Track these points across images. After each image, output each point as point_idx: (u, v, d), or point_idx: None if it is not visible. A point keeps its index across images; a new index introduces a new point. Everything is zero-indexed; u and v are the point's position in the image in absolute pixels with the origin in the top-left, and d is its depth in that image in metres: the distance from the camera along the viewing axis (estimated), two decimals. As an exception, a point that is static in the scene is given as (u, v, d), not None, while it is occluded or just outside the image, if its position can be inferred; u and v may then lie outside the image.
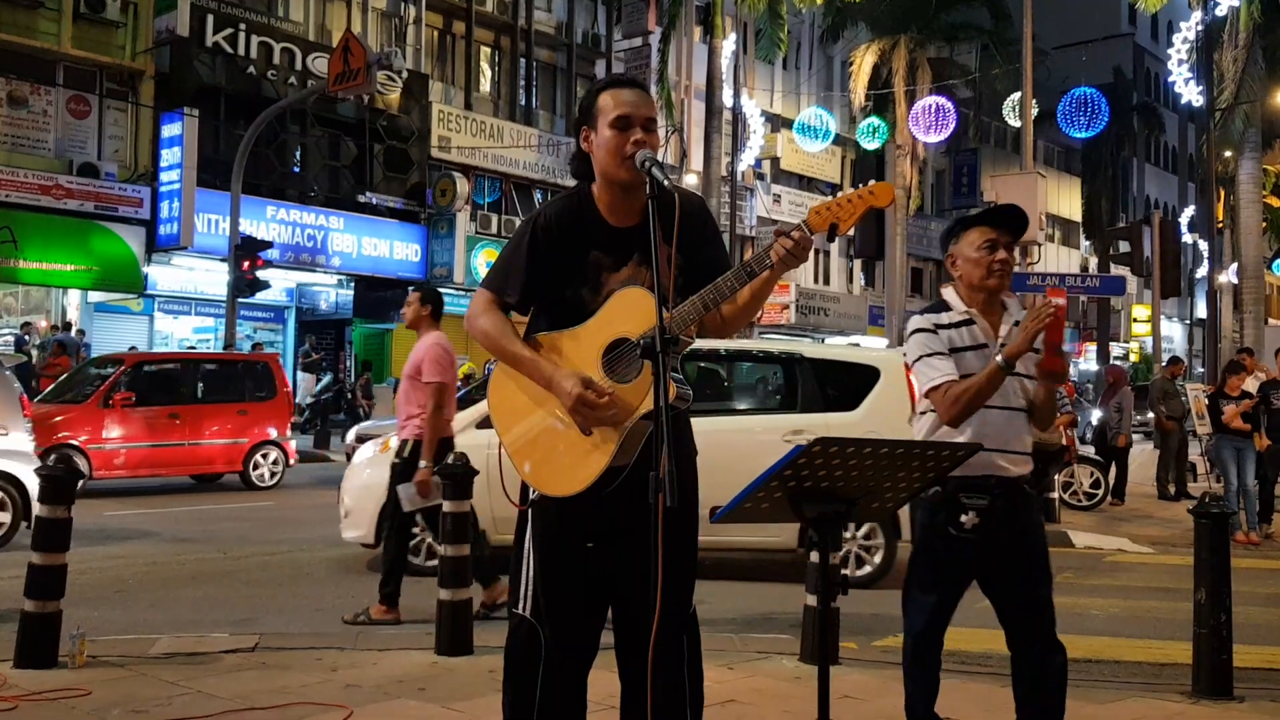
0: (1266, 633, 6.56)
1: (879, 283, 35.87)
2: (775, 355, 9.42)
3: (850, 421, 7.89)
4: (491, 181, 26.63)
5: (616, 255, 2.83)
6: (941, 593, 3.61)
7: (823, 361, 8.52)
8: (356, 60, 16.50)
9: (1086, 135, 27.27)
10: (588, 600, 2.88)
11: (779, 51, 28.67)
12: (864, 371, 8.24)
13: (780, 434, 7.73)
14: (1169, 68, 31.39)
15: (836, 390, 8.32)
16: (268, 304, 22.28)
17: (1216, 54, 25.18)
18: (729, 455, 7.69)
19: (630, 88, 2.84)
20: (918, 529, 3.64)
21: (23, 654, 4.90)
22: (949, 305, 3.59)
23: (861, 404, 8.04)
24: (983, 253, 3.51)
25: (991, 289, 3.52)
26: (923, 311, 3.65)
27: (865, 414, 7.96)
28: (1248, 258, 25.76)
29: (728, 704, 4.48)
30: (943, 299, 3.63)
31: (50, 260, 19.18)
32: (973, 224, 3.58)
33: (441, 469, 5.63)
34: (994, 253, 3.50)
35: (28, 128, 19.50)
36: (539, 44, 28.09)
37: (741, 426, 8.15)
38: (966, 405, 3.44)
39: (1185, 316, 49.47)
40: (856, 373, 8.29)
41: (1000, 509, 3.45)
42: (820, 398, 8.20)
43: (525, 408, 2.85)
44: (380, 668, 5.07)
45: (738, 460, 7.72)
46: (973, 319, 3.52)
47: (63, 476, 5.09)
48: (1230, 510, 4.95)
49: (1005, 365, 3.38)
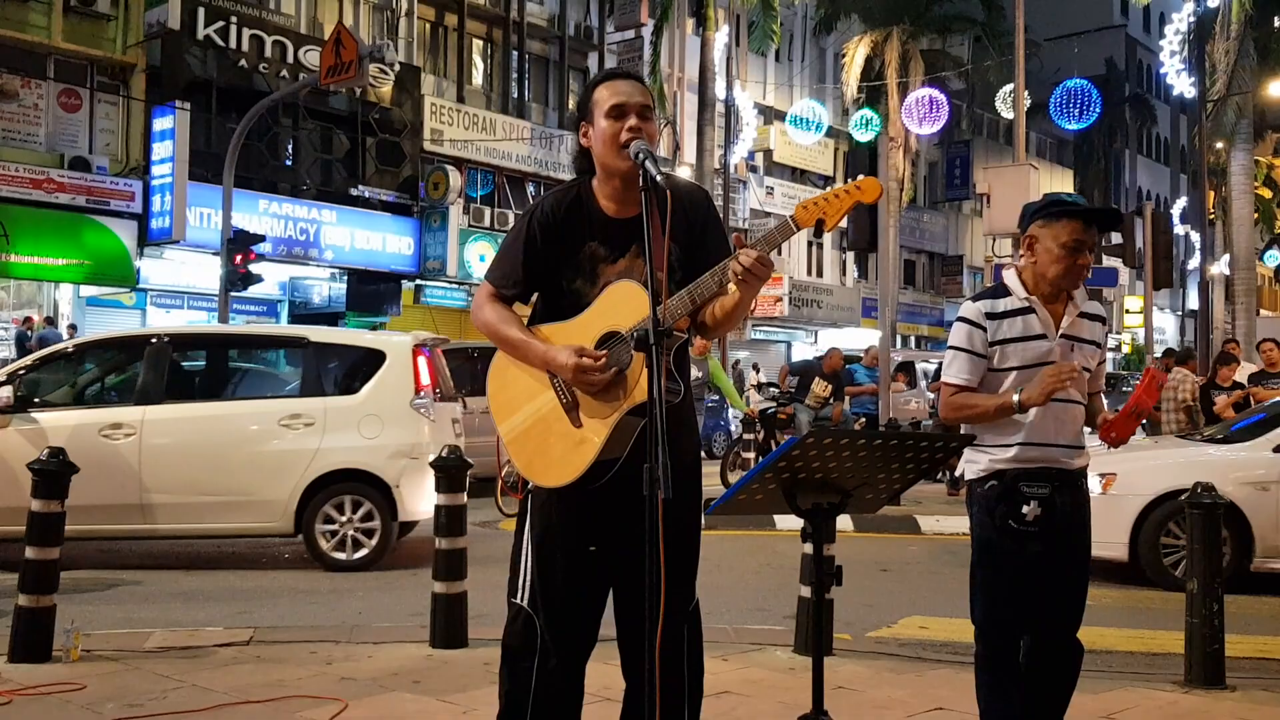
0: (1258, 622, 6.59)
1: (872, 275, 35.86)
2: (279, 339, 9.62)
3: (350, 405, 8.05)
4: (484, 174, 26.59)
5: (613, 247, 2.84)
6: (1011, 592, 3.39)
7: (327, 345, 8.52)
8: (348, 53, 16.43)
9: (1078, 127, 27.29)
10: (585, 592, 2.88)
11: (772, 44, 28.65)
12: (369, 355, 8.30)
13: (277, 419, 7.91)
14: (1161, 59, 31.48)
15: (341, 374, 8.42)
16: (260, 297, 22.20)
17: (1208, 45, 25.25)
18: (222, 441, 7.85)
19: (625, 79, 2.87)
20: (975, 527, 3.46)
21: (17, 648, 4.89)
22: (1007, 289, 3.43)
23: (364, 387, 8.12)
24: (1068, 252, 3.31)
25: (1068, 289, 3.38)
26: (977, 296, 3.50)
27: (367, 397, 8.09)
28: (1239, 249, 25.83)
29: (722, 695, 4.49)
30: (1003, 282, 3.47)
31: (42, 254, 19.10)
32: (1069, 215, 3.33)
33: (435, 463, 5.62)
34: (1079, 254, 3.32)
35: (18, 121, 19.41)
36: (531, 36, 28.02)
37: (239, 412, 8.22)
38: (965, 419, 3.41)
39: (1177, 308, 49.57)
40: (361, 356, 8.37)
41: (1059, 501, 3.35)
42: (323, 382, 8.25)
43: (520, 398, 2.88)
44: (375, 661, 5.08)
45: (231, 447, 7.82)
46: (1033, 308, 3.37)
47: (56, 471, 5.08)
48: (1222, 501, 4.96)
49: (1019, 408, 3.29)
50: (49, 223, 19.09)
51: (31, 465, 5.11)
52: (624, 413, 2.71)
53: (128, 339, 9.29)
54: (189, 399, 8.40)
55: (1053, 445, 3.37)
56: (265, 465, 7.87)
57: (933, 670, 5.12)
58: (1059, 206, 3.37)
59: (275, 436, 7.90)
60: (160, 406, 7.88)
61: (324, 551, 7.93)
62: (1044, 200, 3.43)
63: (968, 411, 3.39)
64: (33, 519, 5.02)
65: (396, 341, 8.53)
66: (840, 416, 13.49)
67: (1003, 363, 3.38)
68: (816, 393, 13.45)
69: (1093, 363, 3.46)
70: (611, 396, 2.73)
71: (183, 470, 7.73)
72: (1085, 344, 3.44)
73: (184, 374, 8.78)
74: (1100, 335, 3.50)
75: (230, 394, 8.86)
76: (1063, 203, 3.38)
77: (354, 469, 7.93)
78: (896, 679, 4.94)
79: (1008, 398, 3.31)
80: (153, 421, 7.78)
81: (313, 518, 7.89)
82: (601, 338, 2.76)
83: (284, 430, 7.90)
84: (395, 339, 8.73)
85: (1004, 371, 3.39)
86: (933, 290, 41.46)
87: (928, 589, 7.71)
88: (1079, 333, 3.42)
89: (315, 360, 8.31)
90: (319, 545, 7.92)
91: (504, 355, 2.92)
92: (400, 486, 7.94)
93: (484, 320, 2.94)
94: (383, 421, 7.99)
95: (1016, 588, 3.38)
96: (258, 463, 7.88)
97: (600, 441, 2.73)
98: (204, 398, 8.62)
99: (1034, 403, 3.26)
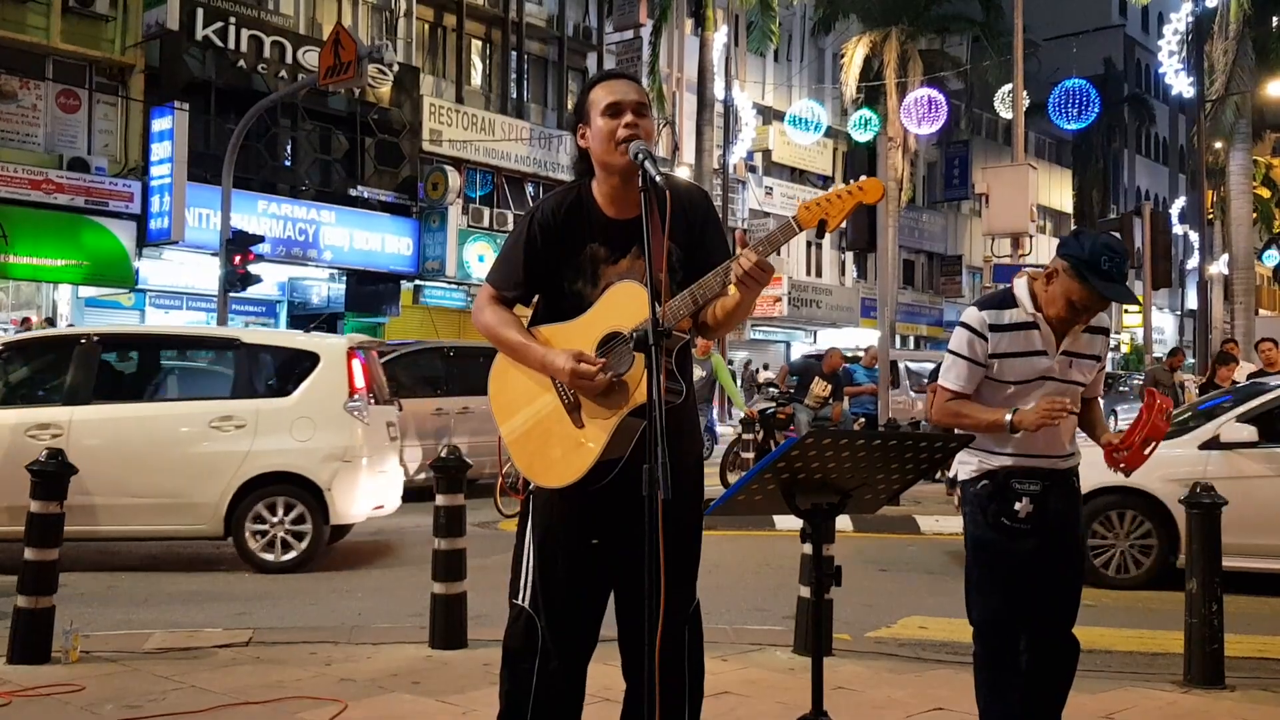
0: (1257, 622, 6.59)
1: (871, 275, 35.87)
2: (210, 340, 9.51)
3: (283, 407, 7.99)
4: (483, 175, 26.58)
5: (614, 248, 2.84)
6: (1006, 590, 3.41)
7: (259, 347, 8.45)
8: (347, 54, 16.44)
9: (1077, 127, 27.33)
10: (586, 593, 2.88)
11: (770, 44, 28.69)
12: (303, 357, 8.24)
13: (208, 421, 7.83)
14: (1159, 59, 31.49)
15: (274, 375, 8.35)
16: (259, 298, 22.19)
17: (1207, 45, 25.26)
18: (151, 443, 7.73)
19: (620, 78, 2.88)
20: (969, 527, 3.49)
21: (16, 650, 4.89)
22: (1015, 300, 3.42)
23: (297, 390, 8.06)
24: (1074, 311, 3.31)
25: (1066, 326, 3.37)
26: (983, 305, 3.48)
27: (300, 399, 8.03)
28: (1238, 248, 25.86)
29: (722, 695, 4.49)
30: (1011, 291, 3.45)
31: (41, 255, 19.09)
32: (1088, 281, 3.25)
33: (436, 463, 5.61)
34: (1080, 316, 3.34)
35: (17, 122, 19.40)
36: (530, 37, 28.01)
37: (169, 413, 8.12)
38: (957, 426, 3.42)
39: (1176, 308, 49.59)
40: (295, 358, 8.30)
41: (1051, 499, 3.38)
42: (255, 383, 8.20)
43: (522, 400, 2.88)
44: (374, 662, 5.07)
45: (160, 449, 7.69)
46: (1036, 324, 3.38)
47: (54, 471, 5.08)
48: (1221, 502, 4.96)
49: (1011, 429, 3.31)
50: (48, 223, 19.08)
51: (30, 467, 5.11)
52: (626, 414, 2.71)
53: (56, 339, 9.17)
54: (118, 400, 8.22)
55: (1043, 455, 3.41)
56: (195, 467, 7.77)
57: (932, 670, 5.12)
58: (1089, 268, 3.25)
59: (205, 438, 7.80)
60: (89, 407, 7.76)
61: (253, 553, 7.83)
62: (1088, 249, 3.28)
63: (960, 421, 3.42)
64: (31, 520, 5.02)
65: (330, 344, 8.50)
66: (840, 416, 13.49)
67: (1001, 375, 3.40)
68: (816, 393, 13.45)
69: (1090, 376, 3.48)
70: (613, 398, 2.73)
71: (111, 472, 7.56)
72: (1084, 359, 3.45)
73: (114, 375, 8.61)
74: (1101, 349, 3.51)
75: (161, 395, 8.74)
76: (1097, 270, 3.24)
77: (285, 472, 7.85)
78: (896, 679, 4.94)
79: (1000, 416, 3.33)
80: (81, 422, 7.65)
81: (242, 520, 7.79)
82: (603, 339, 2.76)
83: (214, 432, 7.81)
84: (329, 341, 8.68)
85: (1002, 384, 3.41)
86: (932, 290, 41.48)
87: (927, 589, 7.71)
88: (1079, 349, 3.43)
89: (247, 362, 8.22)
90: (248, 547, 7.82)
91: (504, 358, 2.92)
92: (332, 490, 7.86)
93: (484, 323, 2.94)
94: (315, 424, 7.93)
95: (1011, 585, 3.40)
96: (187, 465, 7.77)
97: (602, 443, 2.73)
98: (134, 399, 8.43)
99: (1025, 428, 3.29)
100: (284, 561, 7.87)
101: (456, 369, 13.23)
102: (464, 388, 12.79)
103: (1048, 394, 3.35)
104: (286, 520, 7.89)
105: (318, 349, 8.30)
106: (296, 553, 7.89)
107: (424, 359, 13.52)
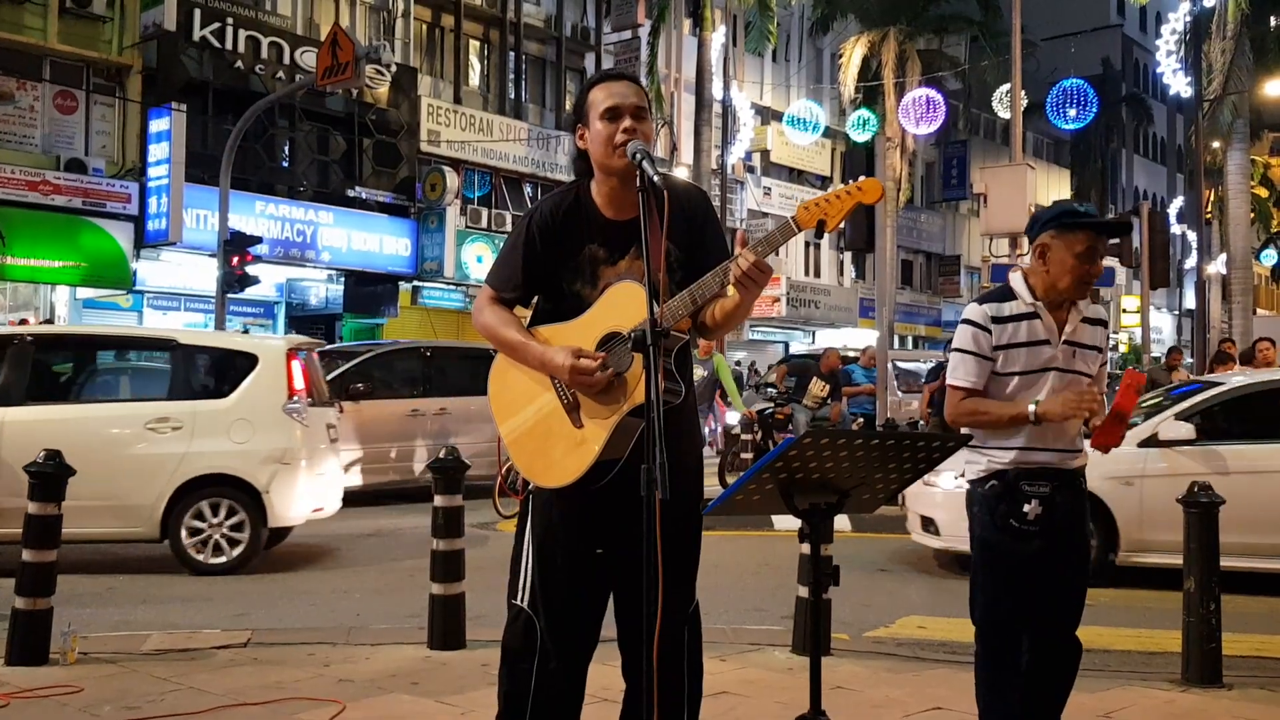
0: (1255, 621, 6.59)
1: (869, 275, 35.88)
2: (147, 340, 9.40)
3: (221, 408, 7.94)
4: (481, 175, 26.57)
5: (613, 249, 2.84)
6: (1011, 591, 3.39)
7: (197, 348, 8.40)
8: (345, 54, 16.43)
9: (1075, 126, 27.35)
10: (586, 594, 2.88)
11: (768, 44, 28.66)
12: (241, 358, 8.20)
13: (144, 422, 7.75)
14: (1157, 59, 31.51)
15: (212, 377, 8.31)
16: (257, 299, 22.17)
17: (1205, 45, 25.25)
18: (86, 445, 7.38)
19: (619, 80, 2.86)
20: (976, 527, 3.47)
21: (14, 651, 4.89)
22: (1014, 293, 3.43)
23: (235, 390, 8.02)
24: (1081, 261, 3.32)
25: (1075, 299, 3.40)
26: (983, 299, 3.50)
27: (238, 400, 7.98)
28: (1236, 248, 25.86)
29: (720, 695, 4.49)
30: (1009, 285, 3.48)
31: (38, 256, 19.08)
32: (1081, 225, 3.34)
33: (433, 464, 5.61)
34: (1093, 263, 3.33)
35: (14, 123, 19.38)
36: (528, 37, 28.01)
37: (104, 415, 8.00)
38: (975, 424, 3.40)
39: (1174, 307, 49.62)
40: (233, 359, 8.25)
41: (1059, 499, 3.36)
42: (192, 385, 8.16)
43: (521, 399, 2.88)
44: (373, 662, 5.07)
45: (95, 450, 7.41)
46: (1038, 313, 3.38)
47: (52, 473, 5.08)
48: (1218, 501, 4.97)
49: (1034, 419, 3.30)
50: (45, 225, 19.06)
51: (28, 468, 5.11)
52: (624, 414, 2.71)
53: None
54: (52, 401, 8.15)
55: (1051, 450, 3.39)
56: (130, 469, 7.67)
57: (930, 670, 5.12)
58: (1072, 218, 3.36)
59: (141, 440, 7.71)
60: (21, 408, 7.66)
61: (190, 556, 7.77)
62: (1056, 210, 3.43)
63: (979, 418, 3.39)
64: (29, 521, 5.02)
65: (269, 345, 8.47)
66: (839, 416, 13.50)
67: (1006, 367, 3.39)
68: (814, 393, 13.46)
69: (1094, 368, 3.48)
70: (612, 397, 2.73)
71: None
72: (1087, 349, 3.45)
73: (48, 375, 8.53)
74: (1102, 340, 3.51)
75: (96, 396, 8.64)
76: (1076, 213, 3.38)
77: (223, 474, 7.80)
78: (894, 679, 4.95)
79: (1023, 408, 3.32)
80: (13, 423, 7.55)
81: (179, 522, 7.73)
82: (602, 339, 2.76)
83: (151, 434, 7.73)
84: (268, 342, 8.65)
85: (1007, 376, 3.40)
86: (930, 290, 41.49)
87: (925, 589, 7.72)
88: (1081, 338, 3.43)
89: (184, 363, 8.15)
90: (185, 550, 7.76)
91: (504, 357, 2.92)
92: (270, 492, 7.82)
93: (484, 323, 2.94)
94: (254, 426, 7.88)
95: (1017, 587, 3.39)
96: (123, 467, 7.65)
97: (600, 442, 2.73)
98: (68, 400, 8.37)
99: (1050, 419, 3.28)
100: (221, 564, 7.79)
101: (433, 369, 13.12)
102: (442, 388, 12.69)
103: (1054, 386, 3.35)
104: (224, 523, 7.82)
105: (256, 350, 8.25)
106: (234, 555, 7.83)
107: (400, 359, 13.37)
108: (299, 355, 8.26)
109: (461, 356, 13.61)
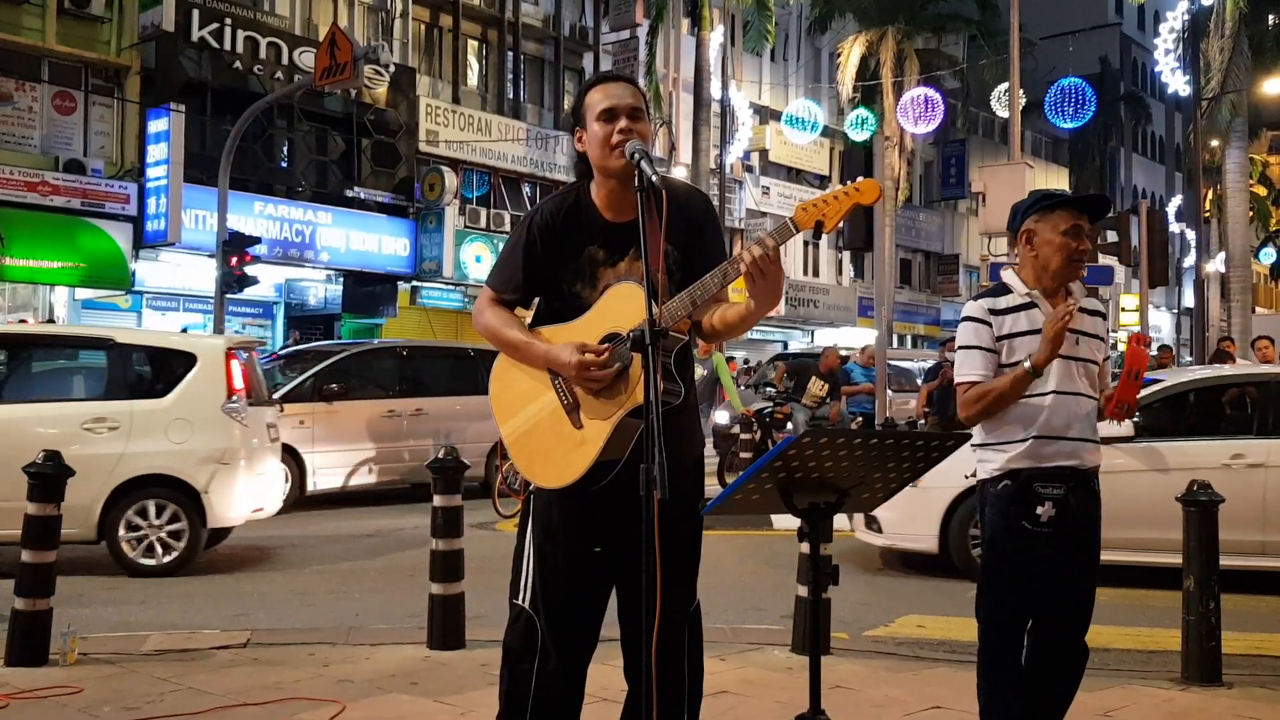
0: (1255, 619, 6.60)
1: (868, 274, 35.89)
2: (83, 339, 9.28)
3: (159, 408, 7.87)
4: (480, 175, 26.57)
5: (613, 250, 2.84)
6: (1020, 592, 3.37)
7: (135, 347, 8.33)
8: (343, 54, 16.43)
9: (1074, 125, 27.35)
10: (586, 594, 2.88)
11: (767, 43, 28.65)
12: (179, 357, 8.13)
13: (80, 423, 7.67)
14: (1156, 58, 31.49)
15: (150, 376, 8.25)
16: (256, 300, 22.17)
17: (1203, 43, 25.24)
18: (19, 445, 7.09)
19: (615, 81, 2.87)
20: (987, 528, 3.45)
21: (14, 652, 4.90)
22: (1008, 288, 3.46)
23: (174, 390, 7.96)
24: (1068, 239, 3.35)
25: (1069, 280, 3.40)
26: (978, 296, 3.53)
27: (176, 400, 7.92)
28: (1234, 246, 25.88)
29: (720, 695, 4.50)
30: (1002, 282, 3.50)
31: (37, 257, 19.07)
32: (1060, 205, 3.40)
33: (433, 464, 5.61)
34: (1079, 240, 3.36)
35: (13, 124, 19.37)
36: (526, 37, 28.00)
37: (39, 415, 7.86)
38: (986, 407, 3.38)
39: (1173, 306, 49.62)
40: (171, 358, 8.18)
41: (1073, 501, 3.34)
42: (130, 384, 8.09)
43: (521, 400, 2.88)
44: (372, 663, 5.07)
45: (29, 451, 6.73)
46: (1035, 302, 3.40)
47: (51, 474, 5.08)
48: (1218, 499, 4.97)
49: (1033, 372, 3.29)
50: (44, 225, 19.06)
51: (27, 468, 5.11)
52: (624, 414, 2.71)
53: None
54: None
55: (1066, 439, 3.36)
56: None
57: (930, 669, 5.12)
58: (1051, 199, 3.43)
59: (77, 440, 7.51)
60: None
61: (127, 557, 7.72)
62: (1033, 197, 3.49)
63: (986, 400, 3.37)
64: (29, 522, 5.03)
65: (207, 344, 8.41)
66: (838, 416, 13.50)
67: (1010, 357, 3.39)
68: (813, 392, 13.47)
69: (1099, 355, 3.47)
70: (612, 398, 2.73)
71: None
72: (1089, 337, 3.45)
73: None
74: (1102, 330, 3.52)
75: (31, 396, 8.46)
76: (1053, 195, 3.46)
77: (161, 474, 7.75)
78: (894, 678, 4.95)
79: (1019, 369, 3.33)
80: None
81: (116, 524, 7.67)
82: (602, 340, 2.76)
83: (87, 434, 7.65)
84: (206, 341, 8.57)
85: (1011, 367, 3.40)
86: (929, 289, 41.49)
87: (924, 588, 7.72)
88: (1080, 326, 3.43)
89: (121, 362, 8.09)
90: (122, 551, 7.72)
91: (505, 358, 2.92)
92: (209, 492, 7.77)
93: (485, 324, 2.94)
94: (192, 426, 7.83)
95: (1023, 588, 3.37)
96: None
97: (600, 443, 2.73)
98: (1, 400, 8.18)
99: (1044, 360, 3.28)
100: (160, 565, 7.75)
101: (410, 370, 13.04)
102: (418, 389, 12.62)
103: (1059, 374, 3.35)
104: (163, 524, 7.78)
105: (194, 349, 8.19)
106: (173, 556, 7.79)
107: (377, 359, 13.29)
108: (238, 355, 8.21)
109: (439, 357, 13.62)
